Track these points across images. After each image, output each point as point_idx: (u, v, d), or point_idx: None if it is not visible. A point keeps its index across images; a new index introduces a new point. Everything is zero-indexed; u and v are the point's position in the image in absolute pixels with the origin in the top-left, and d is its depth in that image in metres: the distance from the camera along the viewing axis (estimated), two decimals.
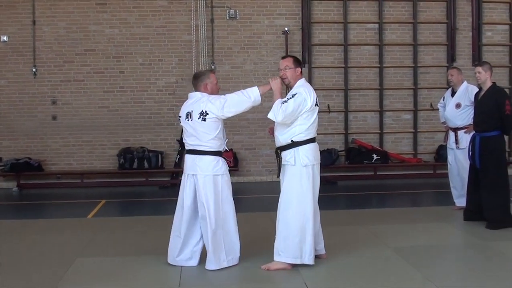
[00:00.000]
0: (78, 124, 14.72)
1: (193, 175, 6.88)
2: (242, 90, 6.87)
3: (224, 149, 6.99)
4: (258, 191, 13.62)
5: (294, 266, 6.73)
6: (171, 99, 14.61)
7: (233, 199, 6.95)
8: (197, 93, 6.98)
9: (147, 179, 14.63)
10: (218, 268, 6.79)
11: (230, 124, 14.43)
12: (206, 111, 6.73)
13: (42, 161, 14.57)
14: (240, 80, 14.71)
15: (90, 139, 14.76)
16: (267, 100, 7.14)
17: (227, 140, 7.06)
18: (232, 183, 6.99)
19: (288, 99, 6.65)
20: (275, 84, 6.87)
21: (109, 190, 13.95)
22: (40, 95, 14.63)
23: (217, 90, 7.11)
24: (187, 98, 7.08)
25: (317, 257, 7.00)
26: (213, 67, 14.61)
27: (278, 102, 6.67)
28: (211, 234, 6.76)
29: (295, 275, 6.58)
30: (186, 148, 7.01)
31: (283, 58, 7.14)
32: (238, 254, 6.97)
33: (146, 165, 14.45)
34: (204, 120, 6.74)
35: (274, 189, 7.25)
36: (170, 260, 7.08)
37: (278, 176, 6.92)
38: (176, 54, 14.78)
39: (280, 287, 6.41)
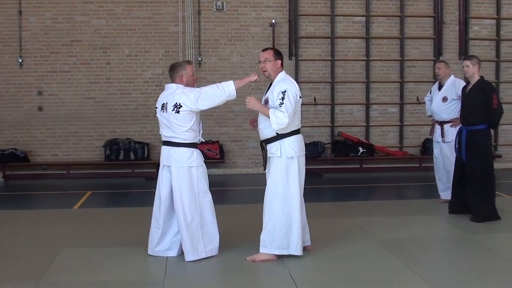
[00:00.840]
0: (64, 115, 14.66)
1: (168, 166, 6.92)
2: (218, 84, 6.85)
3: (200, 141, 6.99)
4: (245, 183, 13.63)
5: (279, 257, 6.76)
6: (158, 90, 14.45)
7: (219, 191, 6.97)
8: (173, 84, 6.96)
9: (133, 171, 14.62)
10: (196, 259, 6.83)
11: (217, 116, 14.46)
12: (180, 104, 6.72)
13: (28, 152, 14.52)
14: (227, 72, 14.71)
15: (76, 130, 14.72)
16: (260, 91, 7.11)
17: (202, 131, 7.04)
18: (218, 175, 7.02)
19: (281, 99, 6.59)
20: (253, 104, 6.78)
21: (95, 181, 13.93)
22: (26, 85, 14.56)
23: (193, 82, 7.08)
24: None
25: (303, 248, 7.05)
26: (199, 59, 14.60)
27: (271, 111, 6.59)
28: (187, 226, 6.81)
29: (280, 266, 6.60)
30: (162, 139, 7.03)
31: (263, 50, 7.12)
32: (217, 245, 7.00)
33: (132, 156, 14.43)
34: (178, 112, 6.73)
35: (260, 181, 7.27)
36: (149, 251, 7.12)
37: (265, 169, 6.93)
38: (162, 45, 14.75)
39: (265, 278, 6.43)
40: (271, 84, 6.96)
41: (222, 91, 6.76)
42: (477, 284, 6.08)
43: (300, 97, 6.84)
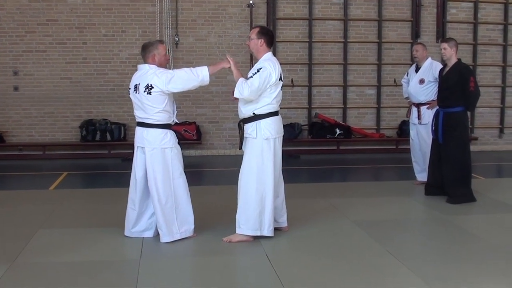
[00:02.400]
0: (40, 95, 14.55)
1: (142, 148, 6.90)
2: (192, 68, 6.77)
3: (174, 122, 6.96)
4: (221, 164, 13.62)
5: (255, 238, 6.77)
6: (134, 71, 14.11)
7: (196, 172, 6.96)
8: (146, 65, 6.91)
9: (110, 151, 14.56)
10: (171, 241, 6.84)
11: (194, 97, 14.42)
12: (151, 85, 6.67)
13: (3, 133, 14.41)
14: (204, 53, 14.67)
15: (52, 111, 14.62)
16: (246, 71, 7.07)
17: (176, 112, 7.02)
18: (195, 156, 7.01)
19: (253, 74, 6.63)
20: (227, 64, 6.83)
21: (71, 162, 13.86)
22: (2, 65, 14.41)
23: (166, 61, 7.03)
24: None
25: (278, 229, 7.07)
26: (176, 39, 14.53)
27: (241, 79, 6.62)
28: (161, 207, 6.81)
29: (256, 247, 6.62)
30: (136, 120, 7.00)
31: (252, 28, 7.19)
32: (192, 226, 7.00)
33: (108, 137, 14.37)
34: (150, 93, 6.68)
35: (237, 163, 7.25)
36: (126, 232, 7.12)
37: (240, 148, 6.95)
38: (139, 25, 14.64)
39: (241, 259, 6.44)
40: None
41: (195, 76, 6.70)
42: (451, 263, 6.13)
43: (281, 79, 6.87)
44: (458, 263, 6.15)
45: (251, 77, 6.61)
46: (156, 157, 6.80)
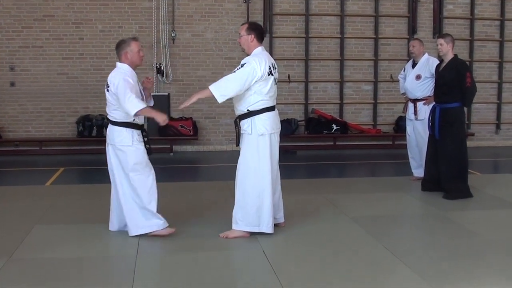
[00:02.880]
0: (37, 91, 14.54)
1: (109, 144, 7.00)
2: (132, 97, 6.55)
3: (134, 120, 6.85)
4: (218, 160, 13.61)
5: (252, 234, 6.77)
6: None
7: (193, 168, 7.05)
8: (118, 63, 6.94)
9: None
10: (136, 234, 6.83)
11: (190, 92, 14.29)
12: (108, 83, 6.77)
13: (0, 128, 14.39)
14: (201, 48, 14.68)
15: (49, 106, 14.61)
16: (231, 67, 7.02)
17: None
18: (192, 152, 6.99)
19: (237, 69, 6.59)
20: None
21: (68, 158, 13.85)
22: None
23: (139, 59, 6.96)
24: (146, 66, 7.04)
25: (276, 225, 7.04)
26: (173, 34, 14.52)
27: (216, 83, 6.55)
28: (122, 202, 6.89)
29: (253, 242, 6.61)
30: None
31: (241, 24, 7.03)
32: (160, 221, 6.88)
33: (105, 132, 14.25)
34: (108, 90, 6.79)
35: (234, 158, 7.25)
36: (110, 226, 7.20)
37: (238, 145, 6.91)
38: (136, 21, 14.64)
39: (238, 254, 6.43)
40: None
41: (133, 107, 6.53)
42: (448, 258, 6.12)
43: (271, 74, 6.79)
44: (454, 259, 6.15)
45: (234, 72, 6.58)
46: (112, 153, 6.97)
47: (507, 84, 15.98)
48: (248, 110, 6.70)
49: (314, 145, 15.26)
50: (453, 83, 8.81)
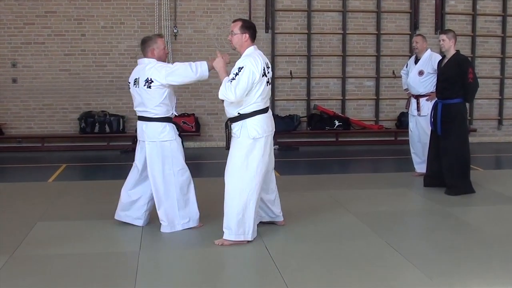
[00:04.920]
0: (39, 87, 14.54)
1: (143, 141, 6.95)
2: (191, 63, 6.71)
3: (173, 115, 6.97)
4: (220, 156, 13.48)
5: (248, 241, 6.58)
6: (133, 63, 14.22)
7: (195, 164, 6.97)
8: (145, 59, 6.96)
9: (109, 144, 14.56)
10: (171, 231, 6.89)
11: (192, 89, 14.42)
12: (151, 79, 6.72)
13: (2, 125, 14.41)
14: (203, 45, 14.67)
15: (51, 103, 14.61)
16: (234, 64, 6.98)
17: (176, 105, 7.02)
18: (194, 148, 6.99)
19: (235, 74, 6.31)
20: (218, 63, 6.60)
21: (70, 154, 13.86)
22: (0, 57, 14.40)
23: (165, 55, 7.04)
24: None
25: (274, 223, 7.04)
26: (175, 31, 14.51)
27: (225, 80, 6.38)
28: (162, 200, 6.89)
29: (256, 240, 6.56)
30: (137, 114, 7.04)
31: (233, 21, 6.79)
32: (196, 217, 7.05)
33: (107, 129, 14.36)
34: (149, 87, 6.73)
35: None
36: (116, 216, 7.22)
37: (227, 149, 6.71)
38: (138, 17, 14.62)
39: (241, 250, 6.38)
40: None
41: (194, 72, 6.66)
42: (450, 254, 6.13)
43: (265, 75, 6.49)
44: (457, 254, 6.16)
45: (233, 78, 6.29)
46: (155, 151, 6.84)
47: (509, 79, 15.96)
48: (239, 113, 6.48)
49: (316, 141, 15.24)
50: (455, 79, 8.80)
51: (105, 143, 14.60)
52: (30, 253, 6.28)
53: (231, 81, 6.29)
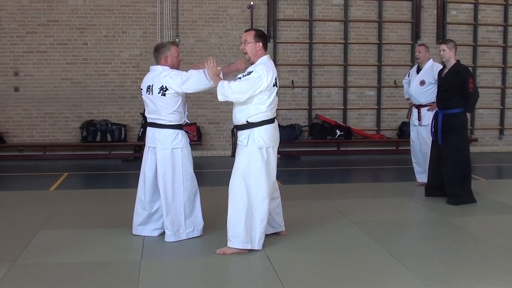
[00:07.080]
0: (41, 96, 14.57)
1: (153, 148, 6.95)
2: (205, 69, 6.71)
3: (185, 122, 7.01)
4: (222, 165, 13.60)
5: (250, 250, 6.57)
6: (135, 72, 14.50)
7: (196, 173, 6.98)
8: (158, 66, 6.95)
9: (110, 152, 14.57)
10: (176, 240, 6.89)
11: (194, 98, 14.41)
12: (166, 87, 6.73)
13: (4, 133, 14.43)
14: (205, 54, 14.65)
15: (52, 111, 14.63)
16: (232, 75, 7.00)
17: (187, 113, 7.06)
18: (196, 157, 7.00)
19: (242, 75, 6.40)
20: (209, 66, 6.59)
21: (72, 163, 13.87)
22: (2, 66, 14.43)
23: (178, 63, 7.07)
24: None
25: (276, 234, 7.04)
26: (177, 40, 14.54)
27: (223, 82, 6.41)
28: (169, 207, 6.87)
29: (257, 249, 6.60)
30: (148, 121, 7.03)
31: (246, 31, 6.78)
32: (200, 227, 7.05)
33: (109, 138, 14.37)
34: (164, 95, 6.74)
35: None
36: (135, 231, 7.16)
37: (233, 156, 6.76)
38: (140, 26, 14.66)
39: (242, 260, 6.38)
40: None
41: (208, 79, 6.67)
42: (451, 264, 6.14)
43: (276, 85, 6.54)
44: (458, 264, 6.16)
45: (239, 78, 6.39)
46: (166, 157, 6.85)
47: (510, 89, 15.98)
48: (247, 121, 6.52)
49: (318, 151, 15.26)
50: (456, 89, 8.82)
51: (107, 151, 14.61)
52: (32, 261, 6.28)
53: (235, 80, 6.38)
